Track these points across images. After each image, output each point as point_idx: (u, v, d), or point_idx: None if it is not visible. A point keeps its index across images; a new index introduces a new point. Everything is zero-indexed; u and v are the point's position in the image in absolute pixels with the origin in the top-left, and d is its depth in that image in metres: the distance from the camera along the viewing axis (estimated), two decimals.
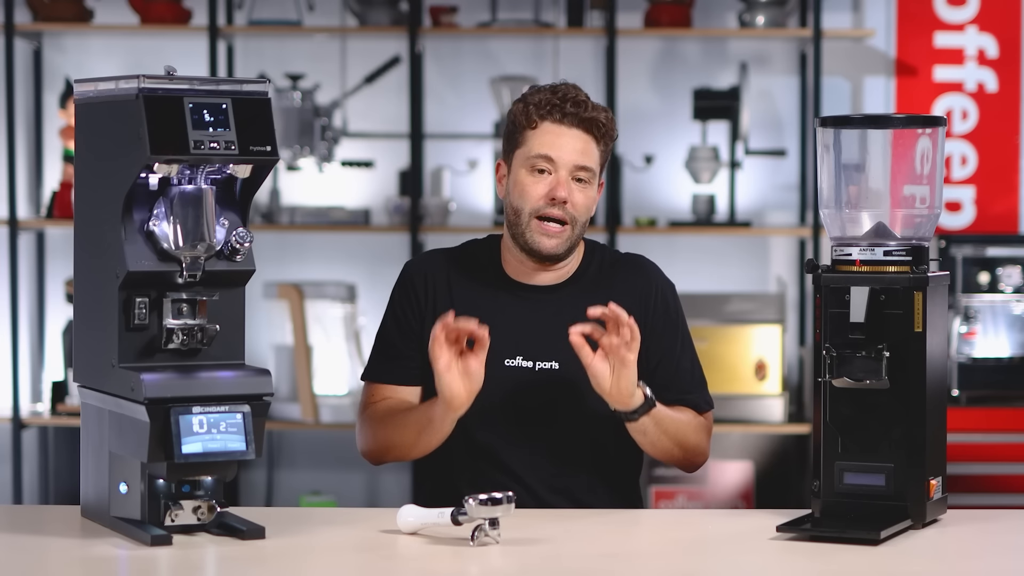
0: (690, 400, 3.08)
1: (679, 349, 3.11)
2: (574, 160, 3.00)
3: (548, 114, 3.01)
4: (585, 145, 3.01)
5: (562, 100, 3.01)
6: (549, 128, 3.01)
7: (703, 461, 3.11)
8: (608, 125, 3.04)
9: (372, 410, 3.09)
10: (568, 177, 3.00)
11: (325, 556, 2.62)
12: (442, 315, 2.87)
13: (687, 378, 3.10)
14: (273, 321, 5.62)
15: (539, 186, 3.01)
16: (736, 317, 5.43)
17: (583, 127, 3.01)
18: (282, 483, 5.85)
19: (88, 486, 2.77)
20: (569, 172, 3.00)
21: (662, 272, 3.16)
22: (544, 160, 3.00)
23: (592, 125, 3.01)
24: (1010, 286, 5.29)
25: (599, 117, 3.02)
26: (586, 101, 3.02)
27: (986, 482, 5.16)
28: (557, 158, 3.00)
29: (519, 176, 3.03)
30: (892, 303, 2.76)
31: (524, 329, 3.06)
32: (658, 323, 3.09)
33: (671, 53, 5.83)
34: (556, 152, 3.00)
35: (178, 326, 2.63)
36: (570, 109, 3.00)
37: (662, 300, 3.11)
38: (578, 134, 3.01)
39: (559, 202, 2.99)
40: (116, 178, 2.61)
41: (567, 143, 3.00)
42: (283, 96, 5.51)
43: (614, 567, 2.56)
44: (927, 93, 5.73)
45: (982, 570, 2.59)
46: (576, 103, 3.01)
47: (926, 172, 2.83)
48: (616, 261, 3.16)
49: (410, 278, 3.12)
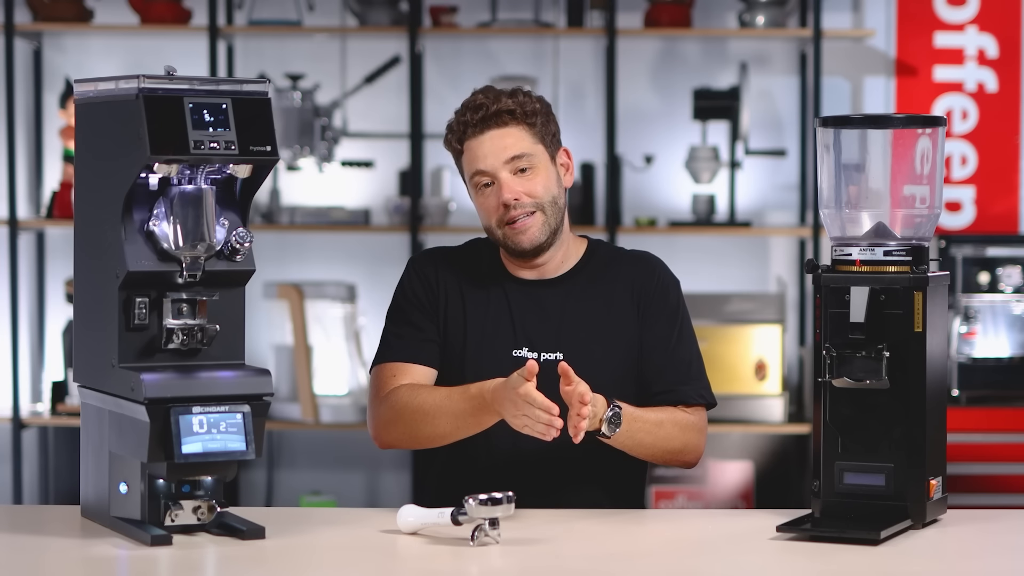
0: (681, 392, 3.07)
1: (675, 340, 3.10)
2: (501, 158, 3.02)
3: (463, 134, 3.05)
4: (504, 138, 3.03)
5: (464, 112, 3.05)
6: (470, 145, 3.05)
7: (696, 459, 3.10)
8: (520, 106, 3.04)
9: (394, 395, 3.02)
10: (509, 176, 3.02)
11: (325, 556, 2.62)
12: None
13: (683, 369, 3.09)
14: (273, 321, 5.62)
15: (489, 200, 3.05)
16: (736, 317, 5.43)
17: (493, 124, 3.03)
18: (282, 483, 5.85)
19: (88, 486, 2.77)
20: (507, 171, 3.03)
21: (667, 268, 3.17)
22: (481, 175, 3.04)
23: (499, 117, 3.03)
24: (1010, 286, 5.29)
25: (503, 106, 3.03)
26: (484, 102, 3.04)
27: (986, 482, 5.16)
28: (487, 167, 3.03)
29: (474, 198, 3.09)
30: (892, 303, 2.76)
31: (528, 321, 3.07)
32: (653, 310, 3.09)
33: (671, 53, 5.83)
34: (482, 163, 3.03)
35: (178, 326, 2.63)
36: (472, 118, 3.04)
37: (661, 290, 3.11)
38: (492, 133, 3.03)
39: (511, 203, 3.01)
40: (116, 178, 2.61)
41: (487, 149, 3.03)
42: (283, 96, 5.51)
43: (614, 567, 2.56)
44: (927, 93, 5.73)
45: (982, 570, 2.59)
46: (475, 108, 3.04)
47: (926, 172, 2.83)
48: (619, 255, 3.17)
49: (422, 268, 3.13)
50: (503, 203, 3.02)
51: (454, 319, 3.09)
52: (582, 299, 3.09)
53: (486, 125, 3.03)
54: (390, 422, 3.02)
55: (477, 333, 3.07)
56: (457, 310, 3.09)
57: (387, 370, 3.07)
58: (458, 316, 3.09)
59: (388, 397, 3.03)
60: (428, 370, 3.07)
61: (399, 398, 3.01)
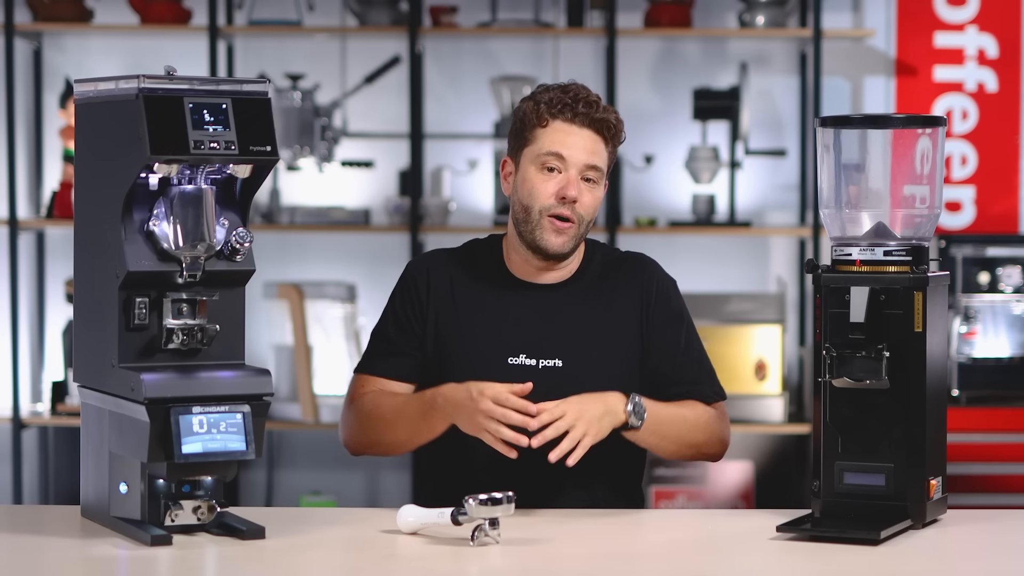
0: (698, 392, 3.09)
1: (684, 342, 3.11)
2: (585, 159, 3.01)
3: (560, 112, 3.01)
4: (595, 145, 3.02)
5: (574, 100, 3.01)
6: (560, 127, 3.01)
7: (722, 450, 3.10)
8: (618, 127, 3.04)
9: (360, 402, 3.08)
10: (578, 176, 3.01)
11: (325, 556, 2.62)
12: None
13: (695, 369, 3.11)
14: (273, 321, 5.62)
15: (549, 184, 3.01)
16: (736, 317, 5.43)
17: (594, 127, 3.02)
18: (282, 483, 5.85)
19: (88, 486, 2.77)
20: (579, 171, 3.01)
21: (662, 269, 3.17)
22: (555, 158, 3.01)
23: (603, 126, 3.02)
24: (1010, 286, 5.29)
25: (610, 118, 3.03)
26: (597, 102, 3.03)
27: (986, 482, 5.16)
28: (568, 156, 3.00)
29: (528, 173, 3.03)
30: (892, 303, 2.76)
31: (527, 327, 3.06)
32: (659, 318, 3.10)
33: (671, 53, 5.83)
34: (567, 151, 3.00)
35: (178, 326, 2.63)
36: (582, 109, 3.01)
37: (663, 295, 3.12)
38: (589, 134, 3.01)
39: (569, 201, 3.00)
40: (116, 178, 2.61)
41: (578, 142, 3.01)
42: (283, 96, 5.51)
43: (614, 567, 2.56)
44: (927, 93, 5.73)
45: (982, 570, 2.59)
46: (588, 103, 3.02)
47: (926, 172, 2.83)
48: (617, 259, 3.16)
49: (412, 279, 3.12)
50: (563, 195, 2.99)
51: (448, 325, 3.08)
52: (583, 305, 3.09)
53: (587, 122, 3.01)
54: (356, 428, 3.08)
55: (472, 339, 3.06)
56: (451, 316, 3.08)
57: (360, 380, 3.12)
58: (452, 322, 3.08)
59: (355, 404, 3.09)
60: (401, 384, 3.10)
61: (364, 405, 3.07)
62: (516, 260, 3.11)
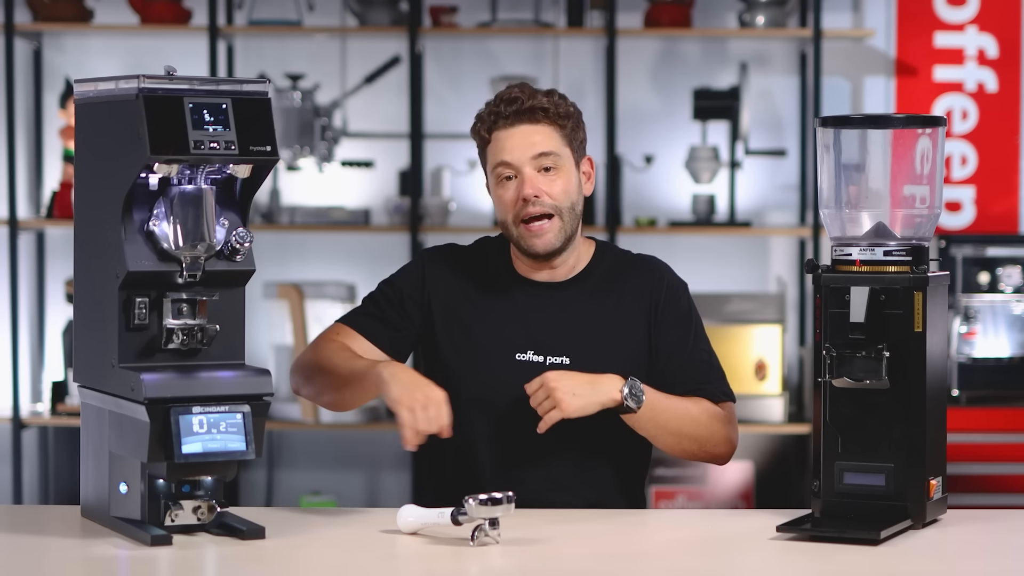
0: (706, 391, 3.08)
1: (692, 342, 3.11)
2: (528, 153, 3.02)
3: (493, 124, 3.05)
4: (534, 136, 3.03)
5: (498, 104, 3.05)
6: (498, 136, 3.04)
7: (728, 452, 3.07)
8: (554, 106, 3.04)
9: (324, 343, 3.07)
10: (533, 172, 3.02)
11: (325, 556, 2.62)
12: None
13: (704, 370, 3.10)
14: (273, 321, 5.62)
15: (508, 193, 3.04)
16: (736, 317, 5.43)
17: (526, 119, 3.03)
18: (282, 483, 5.85)
19: (88, 486, 2.77)
20: (531, 167, 3.02)
21: (673, 272, 3.17)
22: (504, 167, 3.04)
23: (533, 113, 3.03)
24: (1010, 286, 5.29)
25: (538, 103, 3.03)
26: (519, 96, 3.04)
27: (986, 482, 5.16)
28: (513, 159, 3.03)
29: (493, 190, 3.08)
30: (892, 303, 2.76)
31: (535, 324, 3.07)
32: (667, 319, 3.10)
33: (671, 53, 5.83)
34: (508, 155, 3.03)
35: (178, 326, 2.63)
36: (506, 109, 3.03)
37: (672, 296, 3.12)
38: (524, 128, 3.03)
39: (531, 199, 3.00)
40: (116, 178, 2.61)
41: (516, 142, 3.03)
42: (283, 96, 5.51)
43: (614, 567, 2.56)
44: (927, 93, 5.73)
45: (982, 570, 2.59)
46: (510, 100, 3.04)
47: (926, 172, 2.83)
48: (627, 260, 3.17)
49: (423, 266, 3.14)
50: (523, 197, 3.01)
51: (456, 321, 3.09)
52: (591, 303, 3.09)
53: (518, 119, 3.03)
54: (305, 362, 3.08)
55: (481, 336, 3.07)
56: (460, 312, 3.09)
57: (335, 327, 3.12)
58: (461, 317, 3.09)
59: (320, 341, 3.08)
60: (370, 346, 3.08)
61: (324, 348, 3.06)
62: (519, 263, 3.13)
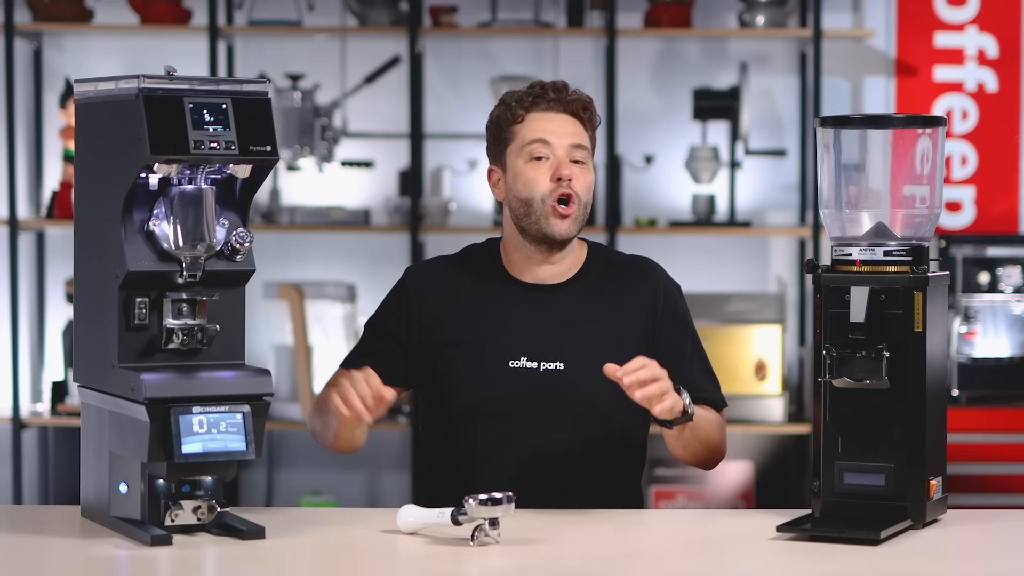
0: (707, 398, 3.09)
1: (690, 348, 3.11)
2: (569, 140, 3.02)
3: (533, 104, 3.04)
4: (574, 127, 3.04)
5: (542, 90, 3.05)
6: (537, 116, 3.03)
7: (722, 458, 3.12)
8: (591, 108, 3.07)
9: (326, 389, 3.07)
10: (567, 158, 3.02)
11: (325, 556, 2.62)
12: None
13: (701, 376, 3.11)
14: (273, 321, 5.62)
15: (541, 171, 3.02)
16: (736, 317, 5.43)
17: (569, 111, 3.04)
18: (282, 483, 5.85)
19: (88, 486, 2.77)
20: (567, 153, 3.02)
21: (667, 273, 3.16)
22: (540, 144, 3.02)
23: (578, 107, 3.04)
24: (1010, 286, 5.29)
25: (583, 99, 3.06)
26: (565, 87, 3.06)
27: (986, 482, 5.16)
28: (552, 140, 3.02)
29: (517, 168, 3.03)
30: (892, 303, 2.76)
31: (528, 330, 3.05)
32: (666, 324, 3.09)
33: (671, 53, 5.83)
34: (550, 135, 3.02)
35: (178, 326, 2.63)
36: (552, 95, 3.04)
37: (670, 301, 3.11)
38: (565, 117, 3.04)
39: (565, 180, 3.00)
40: (116, 178, 2.61)
41: (558, 126, 3.03)
42: (283, 96, 5.51)
43: (614, 567, 2.56)
44: (927, 93, 5.73)
45: (982, 570, 2.59)
46: (556, 89, 3.05)
47: (926, 172, 2.83)
48: (621, 262, 3.16)
49: (406, 289, 3.12)
50: (559, 176, 3.00)
51: (448, 331, 3.07)
52: (585, 306, 3.08)
53: (561, 106, 3.03)
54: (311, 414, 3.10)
55: (473, 343, 3.05)
56: (451, 322, 3.07)
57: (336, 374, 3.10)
58: (452, 328, 3.07)
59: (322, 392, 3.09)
60: None
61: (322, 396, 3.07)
62: (516, 260, 3.10)
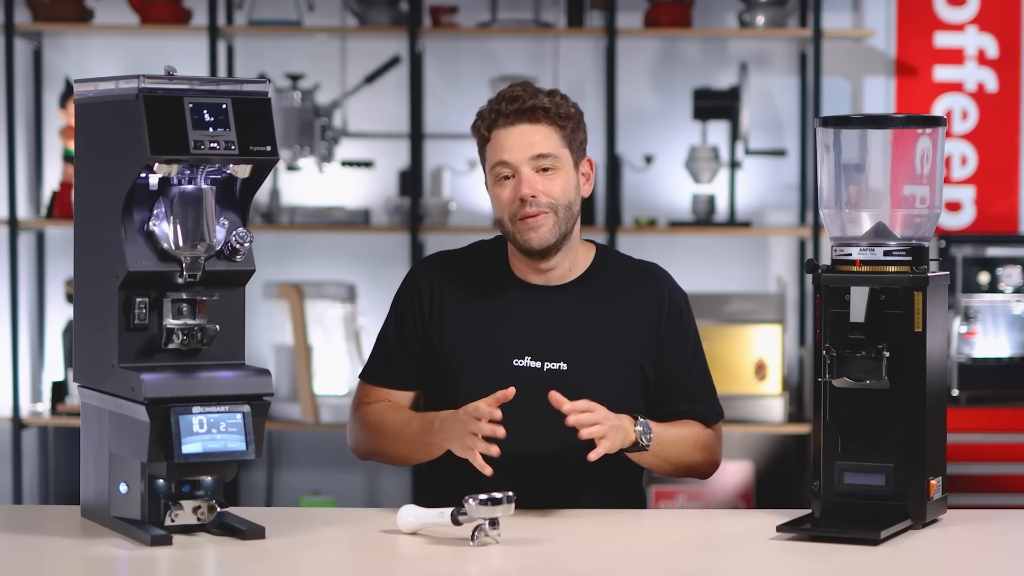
0: (699, 411, 3.10)
1: (690, 358, 3.11)
2: (527, 154, 3.02)
3: (493, 123, 3.04)
4: (533, 136, 3.02)
5: (499, 102, 3.05)
6: (498, 135, 3.04)
7: (715, 470, 3.13)
8: (555, 106, 3.04)
9: (364, 411, 3.11)
10: (531, 172, 3.02)
11: (325, 556, 2.62)
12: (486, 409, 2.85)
13: (699, 387, 3.11)
14: (273, 321, 5.62)
15: (506, 191, 3.04)
16: (736, 317, 5.43)
17: (526, 119, 3.02)
18: (282, 483, 5.85)
19: (88, 486, 2.77)
20: (529, 166, 3.02)
21: (675, 281, 3.16)
22: (503, 166, 3.03)
23: (533, 112, 3.03)
24: (1010, 286, 5.29)
25: (539, 103, 3.03)
26: (521, 95, 3.03)
27: (986, 482, 5.16)
28: (511, 159, 3.02)
29: (491, 189, 3.08)
30: (892, 303, 2.76)
31: (533, 330, 3.06)
32: (670, 333, 3.10)
33: (671, 53, 5.83)
34: (507, 154, 3.02)
35: (178, 326, 2.63)
36: (507, 108, 3.03)
37: (675, 310, 3.11)
38: (524, 128, 3.03)
39: (528, 199, 3.00)
40: (116, 178, 2.61)
41: (515, 141, 3.02)
42: (283, 96, 5.51)
43: (614, 567, 2.56)
44: (927, 93, 5.73)
45: (982, 570, 2.59)
46: (512, 99, 3.03)
47: (926, 172, 2.83)
48: (629, 267, 3.16)
49: (416, 283, 3.13)
50: (520, 197, 3.01)
51: (452, 327, 3.08)
52: (590, 308, 3.08)
53: (518, 118, 3.02)
54: (361, 437, 3.11)
55: (477, 341, 3.06)
56: (456, 319, 3.08)
57: (364, 389, 3.16)
58: (457, 325, 3.08)
59: (360, 412, 3.11)
60: (403, 393, 3.13)
61: (368, 416, 3.10)
62: (518, 262, 3.12)
